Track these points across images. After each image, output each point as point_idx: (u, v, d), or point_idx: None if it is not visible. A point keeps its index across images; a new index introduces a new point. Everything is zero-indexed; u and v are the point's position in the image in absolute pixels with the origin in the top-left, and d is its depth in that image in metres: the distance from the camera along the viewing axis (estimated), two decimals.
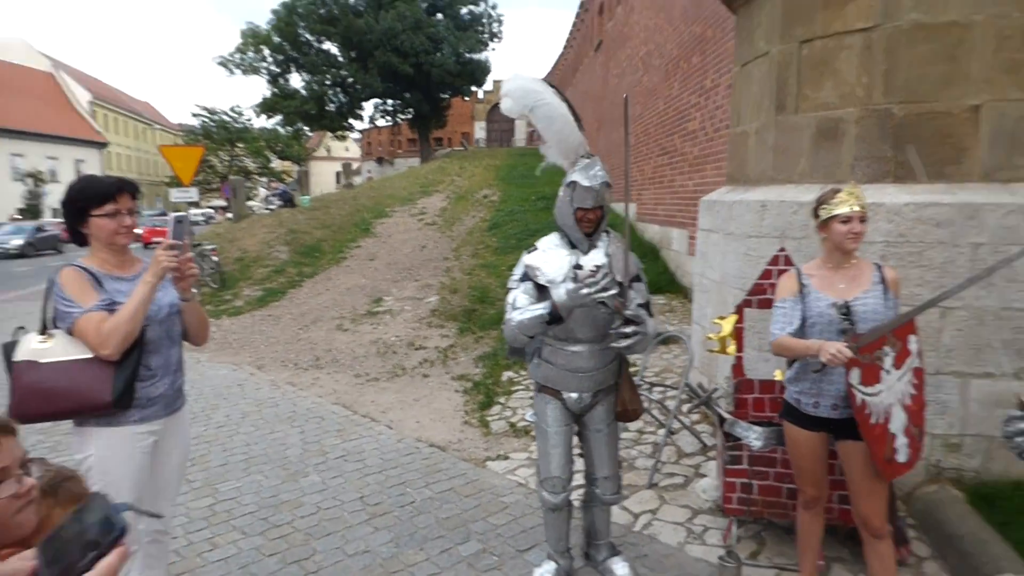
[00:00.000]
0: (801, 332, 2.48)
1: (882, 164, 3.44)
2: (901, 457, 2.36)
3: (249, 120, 42.28)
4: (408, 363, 6.77)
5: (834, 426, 2.49)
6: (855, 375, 2.29)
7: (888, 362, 2.33)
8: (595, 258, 2.70)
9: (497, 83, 51.10)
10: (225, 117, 41.29)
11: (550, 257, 2.71)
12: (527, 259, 2.75)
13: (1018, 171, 3.30)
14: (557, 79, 28.75)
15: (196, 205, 36.32)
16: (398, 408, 5.46)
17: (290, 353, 7.38)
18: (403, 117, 38.07)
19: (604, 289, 2.46)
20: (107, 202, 2.19)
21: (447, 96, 36.53)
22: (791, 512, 3.06)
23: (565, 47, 26.72)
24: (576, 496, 3.03)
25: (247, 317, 9.36)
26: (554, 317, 2.54)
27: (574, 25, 24.25)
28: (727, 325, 3.36)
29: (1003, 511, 3.14)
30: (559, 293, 2.50)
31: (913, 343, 2.41)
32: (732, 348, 3.37)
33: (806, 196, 3.41)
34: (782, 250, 3.17)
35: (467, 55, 33.98)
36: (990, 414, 3.33)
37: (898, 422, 2.35)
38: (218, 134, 40.42)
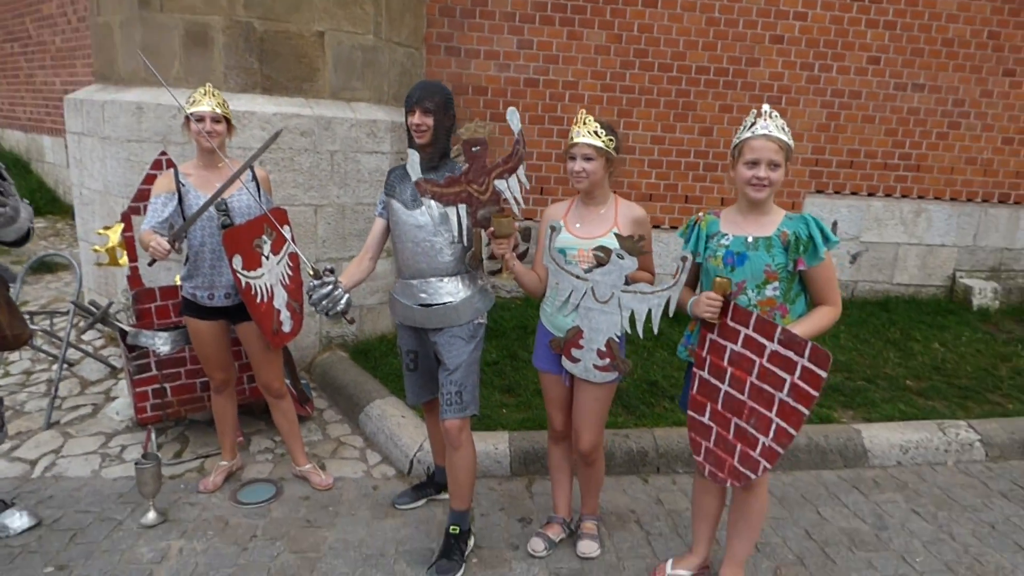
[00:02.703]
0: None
1: (251, 75, 3.75)
2: (286, 328, 2.83)
3: None
4: None
5: (230, 313, 2.76)
6: (238, 261, 2.58)
7: (267, 249, 2.71)
8: None
9: None
10: None
11: None
12: None
13: (356, 92, 4.14)
14: None
15: None
16: None
17: None
18: None
19: None
20: None
21: None
22: (208, 403, 3.27)
23: None
24: None
25: None
26: None
27: None
28: (114, 235, 3.18)
29: (373, 359, 4.17)
30: None
31: (287, 231, 2.85)
32: (124, 259, 3.23)
33: (183, 100, 3.43)
34: (163, 154, 3.14)
35: None
36: (359, 289, 4.24)
37: (280, 299, 2.78)
38: None
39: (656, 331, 2.18)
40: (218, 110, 2.61)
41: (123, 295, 3.70)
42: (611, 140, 2.20)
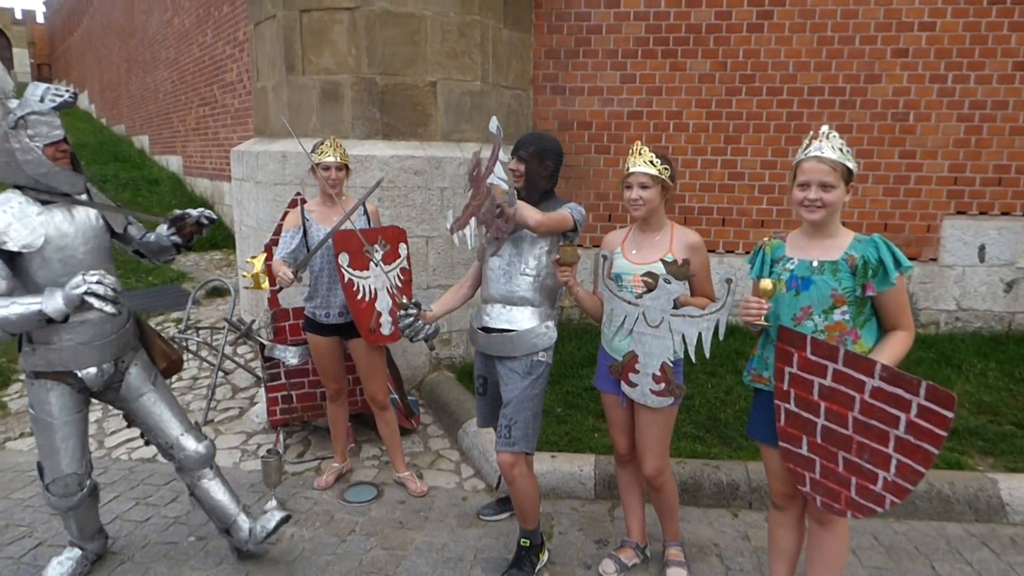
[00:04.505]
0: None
1: (373, 124, 4.26)
2: (385, 331, 3.11)
3: None
4: None
5: (343, 330, 3.16)
6: (344, 258, 2.96)
7: (377, 256, 3.05)
8: (85, 217, 2.39)
9: None
10: None
11: (18, 216, 2.23)
12: None
13: (465, 133, 4.53)
14: (69, 4, 23.60)
15: None
16: None
17: None
18: None
19: (101, 282, 2.10)
20: None
21: None
22: (326, 410, 3.71)
23: None
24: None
25: None
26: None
27: None
28: (257, 263, 3.75)
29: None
30: (56, 304, 2.09)
31: (403, 250, 3.16)
32: (265, 284, 3.78)
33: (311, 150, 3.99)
34: (298, 195, 3.68)
35: None
36: (464, 314, 4.58)
37: (384, 303, 3.09)
38: None
39: (708, 354, 2.20)
40: (341, 160, 3.05)
41: (264, 314, 4.32)
42: (666, 169, 2.29)
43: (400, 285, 3.16)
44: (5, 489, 3.29)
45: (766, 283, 1.97)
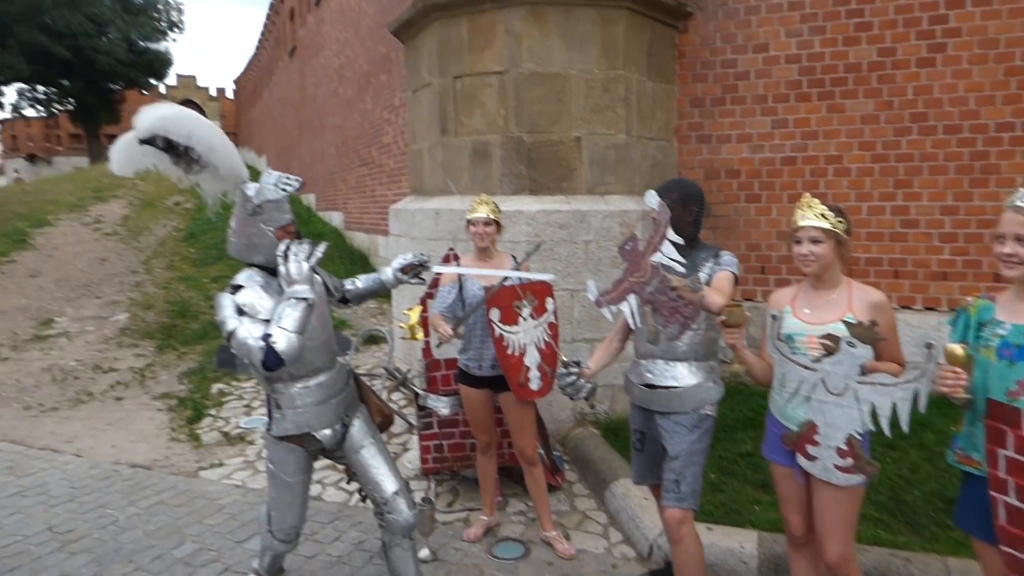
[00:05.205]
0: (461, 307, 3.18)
1: (520, 180, 4.41)
2: (534, 386, 3.12)
3: None
4: (96, 388, 6.24)
5: (495, 383, 3.22)
6: (495, 313, 3.04)
7: (526, 312, 3.11)
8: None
9: (183, 78, 45.95)
10: None
11: (263, 294, 2.42)
12: (242, 299, 2.37)
13: (609, 186, 4.55)
14: (253, 81, 27.24)
15: None
16: (87, 436, 5.08)
17: None
18: (61, 108, 32.80)
19: (296, 252, 2.30)
20: None
21: (120, 87, 32.27)
22: (475, 462, 3.77)
23: (258, 48, 25.45)
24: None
25: None
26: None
27: (265, 27, 23.26)
28: (413, 315, 3.95)
29: (622, 438, 4.30)
30: (301, 291, 2.29)
31: (550, 304, 3.22)
32: (420, 334, 3.97)
33: (468, 206, 4.20)
34: (451, 249, 3.87)
35: (141, 43, 30.77)
36: (611, 369, 4.49)
37: (532, 358, 3.12)
38: None
39: (906, 428, 1.96)
40: (491, 216, 3.18)
41: (419, 364, 4.53)
42: (840, 222, 2.13)
43: (548, 340, 3.18)
44: (199, 515, 3.68)
45: (955, 348, 1.76)
